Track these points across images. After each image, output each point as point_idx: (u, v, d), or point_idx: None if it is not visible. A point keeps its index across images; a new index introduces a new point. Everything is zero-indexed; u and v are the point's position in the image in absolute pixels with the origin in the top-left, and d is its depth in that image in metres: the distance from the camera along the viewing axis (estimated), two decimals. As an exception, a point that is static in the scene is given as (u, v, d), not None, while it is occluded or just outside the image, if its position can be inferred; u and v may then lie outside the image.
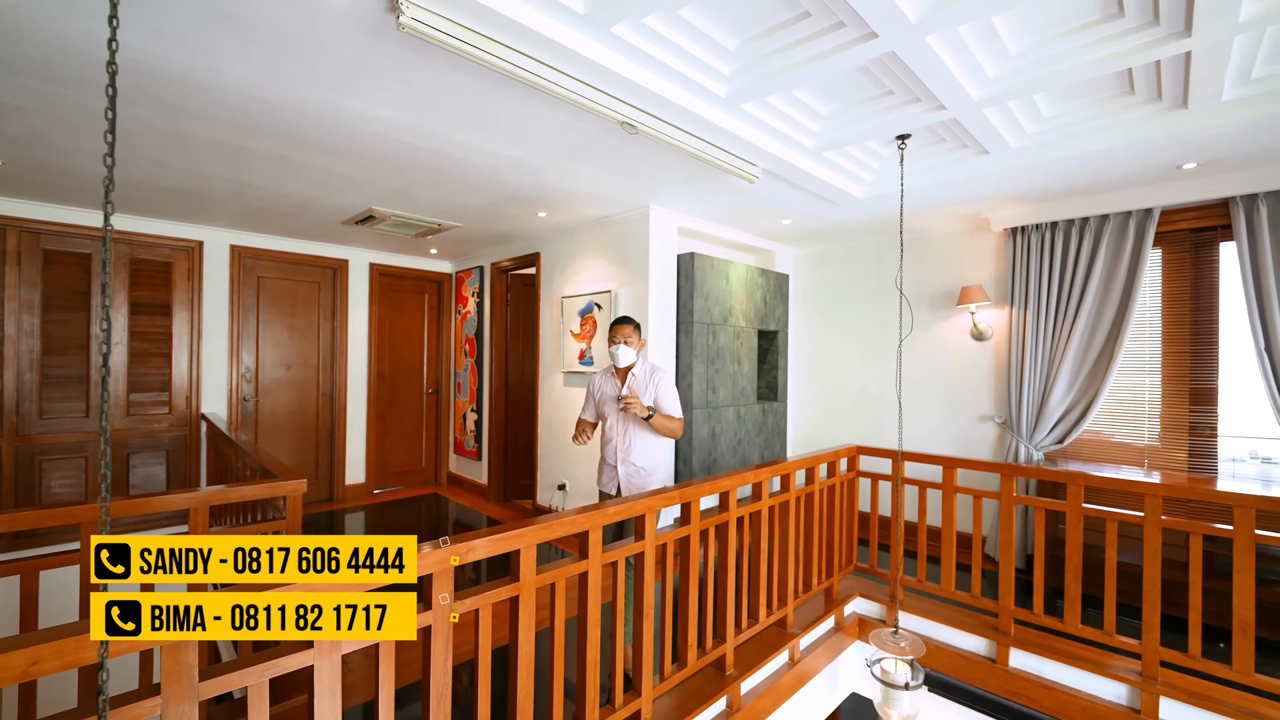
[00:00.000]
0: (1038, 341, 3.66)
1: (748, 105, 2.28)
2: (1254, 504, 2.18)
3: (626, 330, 2.63)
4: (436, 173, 3.15)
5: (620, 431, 2.65)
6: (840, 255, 4.86)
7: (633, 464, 2.64)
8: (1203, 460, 3.24)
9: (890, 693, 2.47)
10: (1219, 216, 3.12)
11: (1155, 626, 2.35)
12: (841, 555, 3.24)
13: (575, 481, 4.42)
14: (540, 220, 4.19)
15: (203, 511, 1.99)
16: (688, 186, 3.32)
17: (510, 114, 2.37)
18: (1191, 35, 1.73)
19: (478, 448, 5.58)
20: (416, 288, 5.98)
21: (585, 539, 1.79)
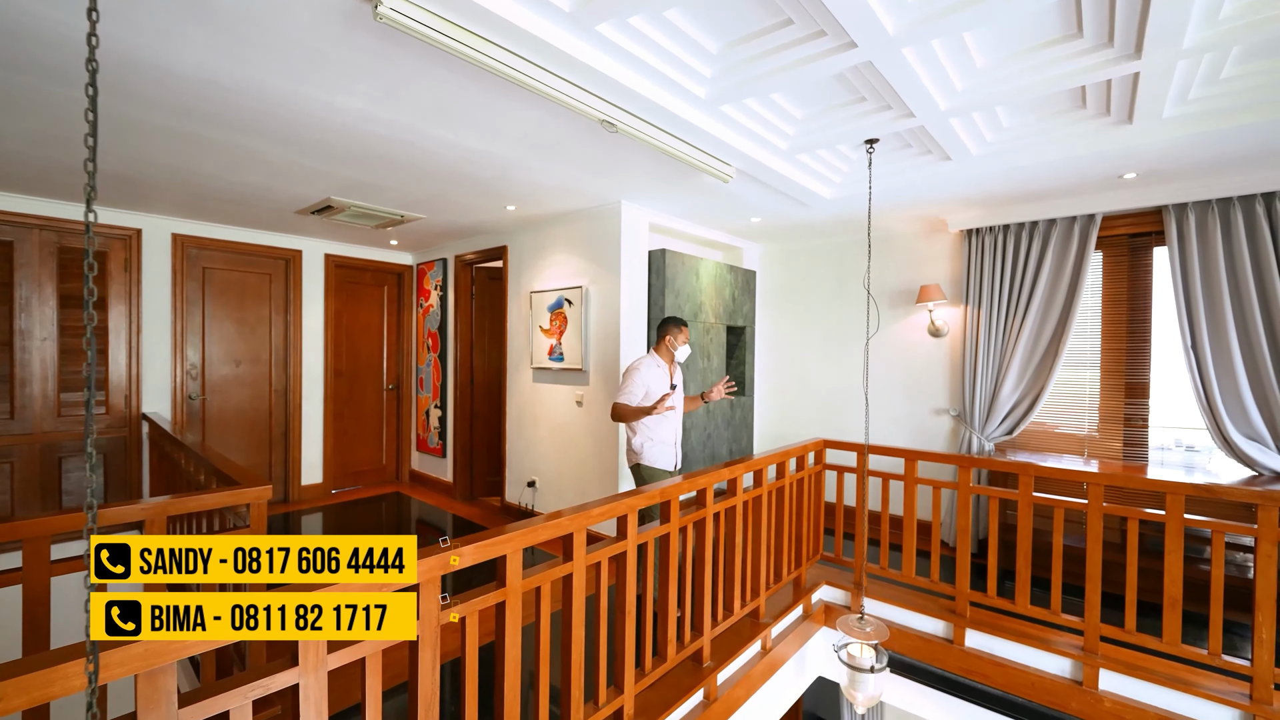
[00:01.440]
0: (990, 338, 3.86)
1: (726, 107, 2.30)
2: (1184, 491, 2.37)
3: (686, 332, 3.02)
4: (403, 164, 3.04)
5: (679, 414, 3.04)
6: (805, 253, 4.97)
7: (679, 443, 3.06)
8: (1135, 449, 3.50)
9: (856, 676, 2.57)
10: (1154, 223, 3.36)
11: (1096, 605, 2.54)
12: (809, 545, 3.35)
13: (545, 478, 4.40)
14: (509, 213, 4.12)
15: (159, 523, 1.88)
16: (661, 184, 3.32)
17: (486, 110, 2.32)
18: (1141, 58, 1.85)
19: (442, 445, 5.47)
20: (375, 280, 5.77)
21: (569, 541, 1.80)
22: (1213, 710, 2.30)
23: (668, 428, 2.97)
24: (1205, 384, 3.14)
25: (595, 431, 3.99)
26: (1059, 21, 1.81)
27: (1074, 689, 2.55)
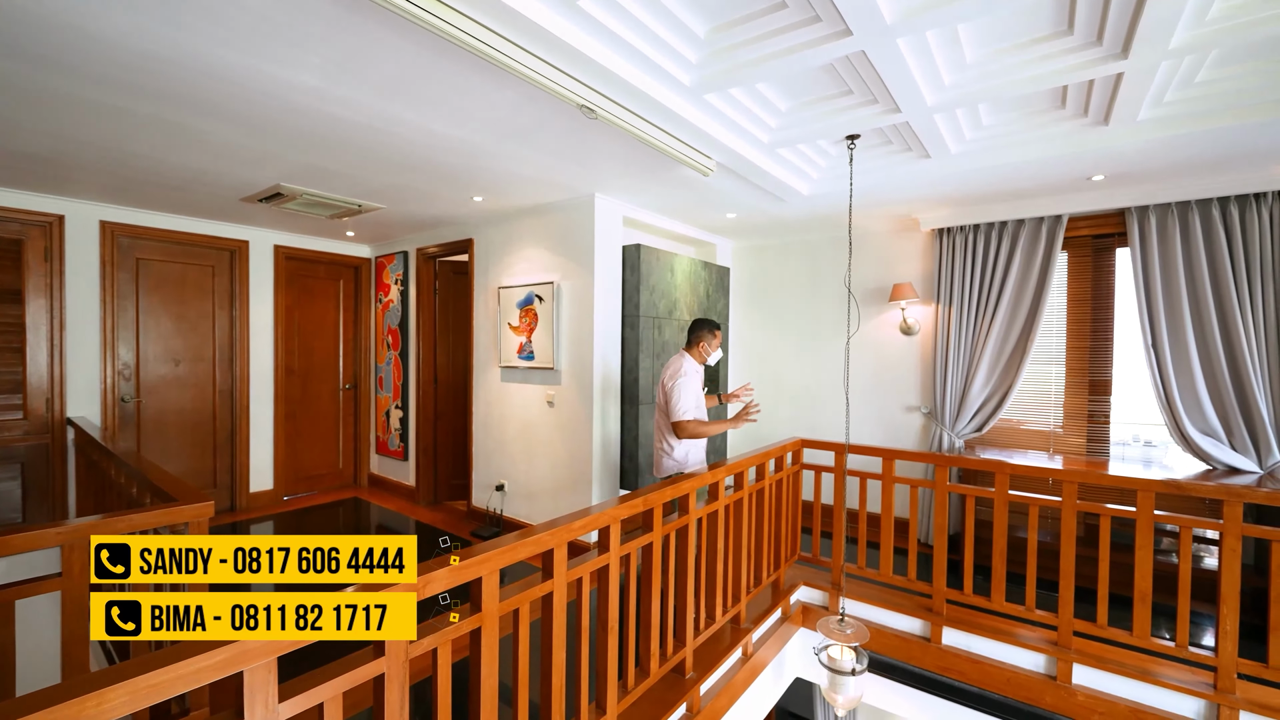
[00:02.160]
0: (961, 336, 3.90)
1: (710, 96, 2.20)
2: (1155, 488, 2.42)
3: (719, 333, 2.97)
4: (361, 149, 2.83)
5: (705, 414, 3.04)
6: (778, 250, 4.94)
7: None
8: (1098, 444, 3.60)
9: (836, 678, 2.53)
10: (1117, 225, 3.44)
11: (1069, 601, 2.57)
12: (787, 546, 3.31)
13: (514, 481, 4.23)
14: (475, 205, 3.92)
15: (81, 548, 1.66)
16: (638, 177, 3.20)
17: (454, 90, 2.15)
18: (1128, 57, 1.84)
19: (404, 447, 5.22)
20: (330, 274, 5.45)
21: (550, 557, 1.67)
22: (1180, 700, 2.35)
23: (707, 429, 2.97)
24: (1164, 382, 3.24)
25: (567, 432, 3.85)
26: (1052, 16, 1.78)
27: (1048, 684, 2.58)
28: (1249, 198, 3.01)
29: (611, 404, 3.83)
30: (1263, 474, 3.02)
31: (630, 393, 3.85)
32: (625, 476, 3.88)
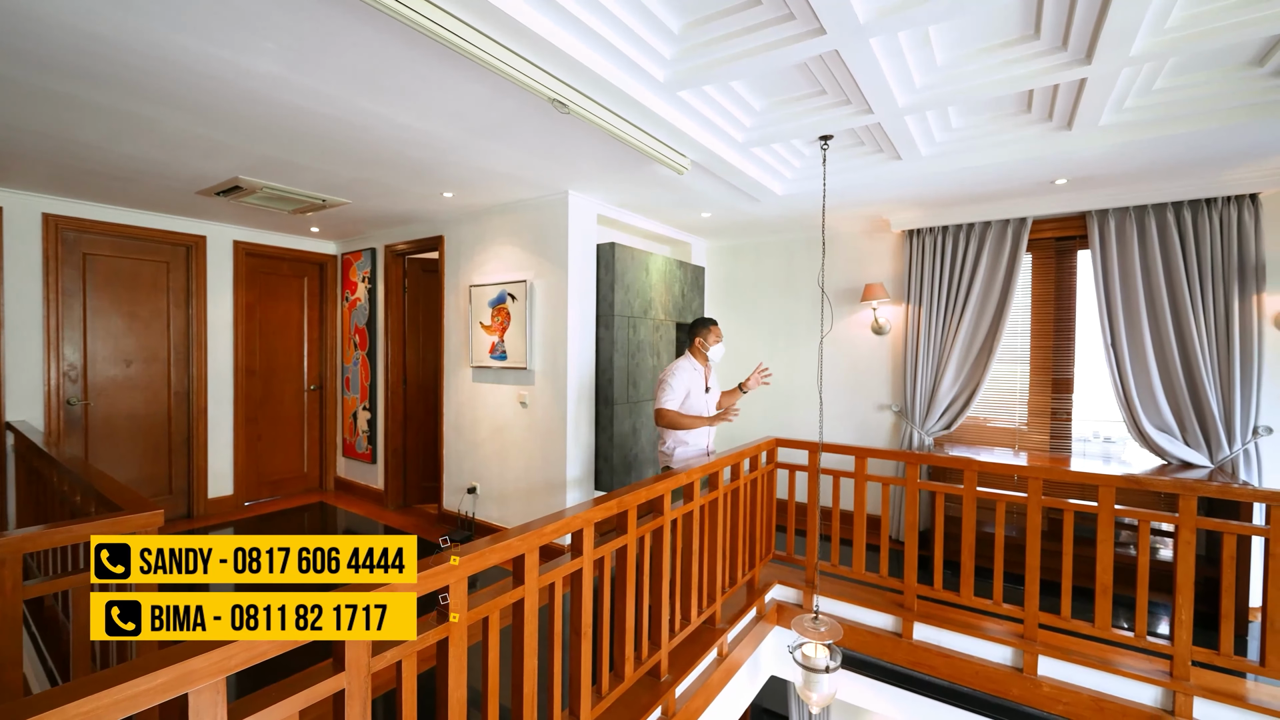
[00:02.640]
0: (930, 336, 3.97)
1: (684, 93, 2.18)
2: (1115, 483, 2.49)
3: (719, 331, 3.10)
4: (327, 142, 2.73)
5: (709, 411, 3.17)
6: (752, 250, 4.96)
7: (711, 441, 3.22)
8: (1060, 441, 3.71)
9: (811, 676, 2.54)
10: (1078, 228, 3.55)
11: (1035, 594, 2.63)
12: (761, 545, 3.31)
13: (487, 483, 4.15)
14: (446, 201, 3.83)
15: (14, 564, 1.55)
16: (612, 174, 3.17)
17: (424, 82, 2.08)
18: (1091, 63, 1.89)
19: (371, 450, 5.08)
20: (294, 271, 5.27)
21: (520, 563, 1.63)
22: (1139, 688, 2.43)
23: (698, 431, 3.06)
24: (1123, 380, 3.35)
25: (541, 433, 3.79)
26: (1020, 20, 1.81)
27: (1015, 676, 2.63)
28: (1200, 203, 3.14)
29: (586, 405, 3.78)
30: (1213, 468, 3.15)
31: (605, 393, 3.81)
32: (600, 478, 3.84)
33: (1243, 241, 3.06)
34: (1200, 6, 1.68)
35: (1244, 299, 3.06)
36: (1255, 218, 3.04)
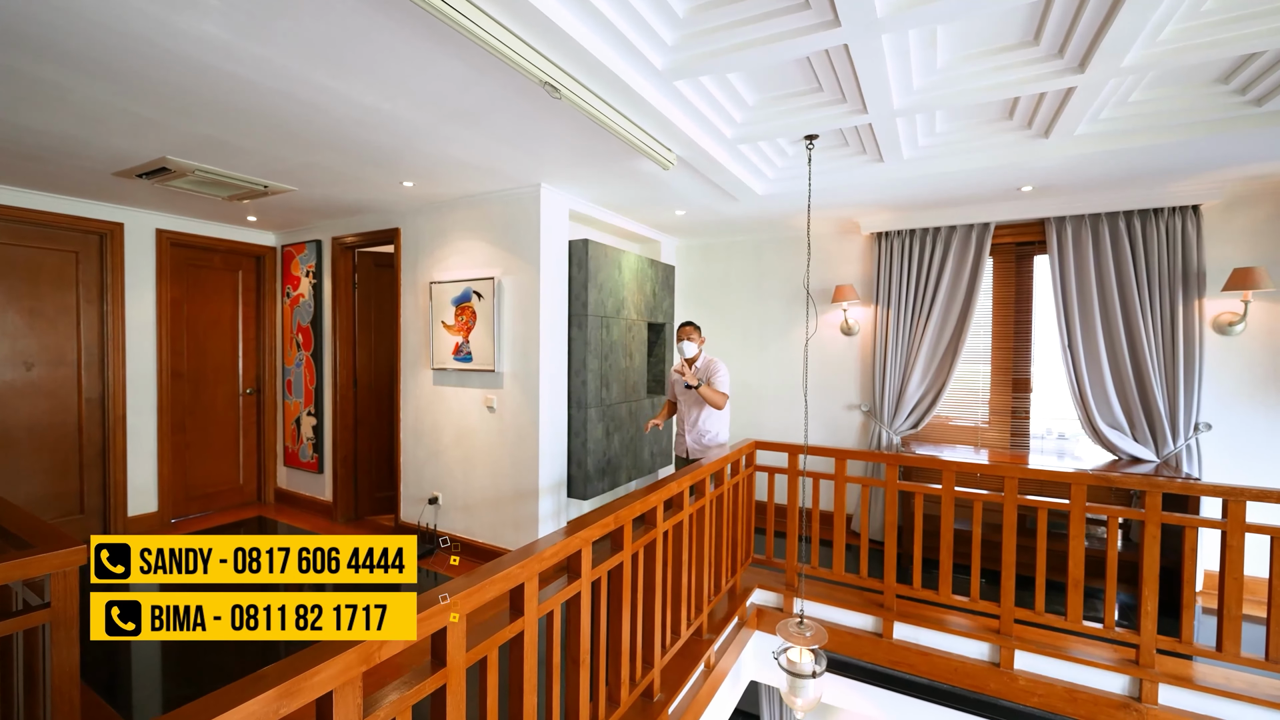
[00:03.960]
0: (898, 337, 4.04)
1: (681, 83, 2.07)
2: (1086, 480, 2.58)
3: (688, 330, 3.41)
4: (274, 121, 2.44)
5: (687, 409, 3.47)
6: (723, 250, 4.92)
7: (698, 432, 3.45)
8: (1019, 438, 3.85)
9: (797, 682, 2.50)
10: (1037, 233, 3.69)
11: (1011, 591, 2.69)
12: (742, 550, 3.27)
13: (450, 493, 3.91)
14: (405, 191, 3.56)
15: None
16: (590, 168, 3.02)
17: (393, 56, 1.87)
18: (1084, 72, 1.91)
19: (318, 458, 4.71)
20: (228, 263, 4.81)
21: (520, 593, 1.48)
22: (1108, 677, 2.53)
23: (682, 422, 3.51)
24: (1079, 379, 3.51)
25: (510, 438, 3.60)
26: (1023, 25, 1.80)
27: (992, 670, 2.69)
28: (1149, 212, 3.31)
29: (558, 408, 3.62)
30: (1159, 462, 3.34)
31: (578, 396, 3.66)
32: (573, 484, 3.69)
33: (1185, 250, 3.25)
34: (1192, 21, 1.72)
35: (1187, 304, 3.25)
36: (1197, 228, 3.23)
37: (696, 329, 3.42)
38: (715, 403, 3.30)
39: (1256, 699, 2.30)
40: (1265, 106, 2.18)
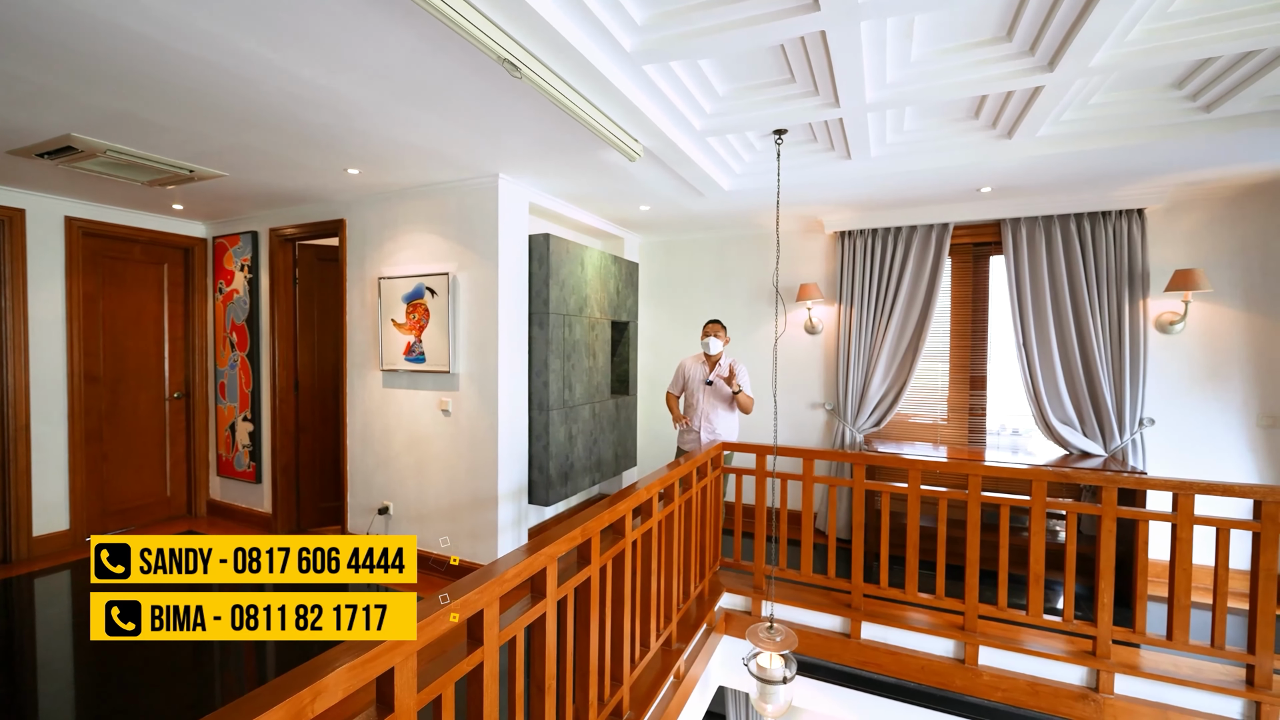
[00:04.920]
0: (861, 335, 4.06)
1: (650, 68, 1.96)
2: (1047, 477, 2.62)
3: (714, 328, 3.47)
4: (199, 95, 2.19)
5: (705, 405, 3.49)
6: (686, 247, 4.85)
7: (713, 430, 3.49)
8: (976, 435, 3.94)
9: (767, 688, 2.45)
10: (993, 234, 3.76)
11: (975, 587, 2.71)
12: (710, 554, 3.19)
13: (402, 502, 3.68)
14: (350, 179, 3.31)
15: None
16: (552, 158, 2.87)
17: (337, 23, 1.68)
18: (1053, 71, 1.91)
19: (255, 467, 4.36)
20: (150, 256, 4.40)
21: (479, 620, 1.33)
22: (1066, 669, 2.57)
23: (695, 415, 3.52)
24: (1033, 377, 3.60)
25: (467, 444, 3.41)
26: (998, 19, 1.77)
27: (958, 667, 2.71)
28: (1098, 215, 3.43)
29: (518, 411, 3.45)
30: (1106, 456, 3.47)
31: (539, 398, 3.50)
32: (535, 490, 3.53)
33: (1131, 251, 3.38)
34: (1160, 23, 1.73)
35: (1133, 304, 3.38)
36: (1141, 231, 3.36)
37: (723, 327, 3.49)
38: (747, 407, 3.40)
39: (1203, 684, 2.39)
40: (1214, 113, 2.25)
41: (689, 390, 3.56)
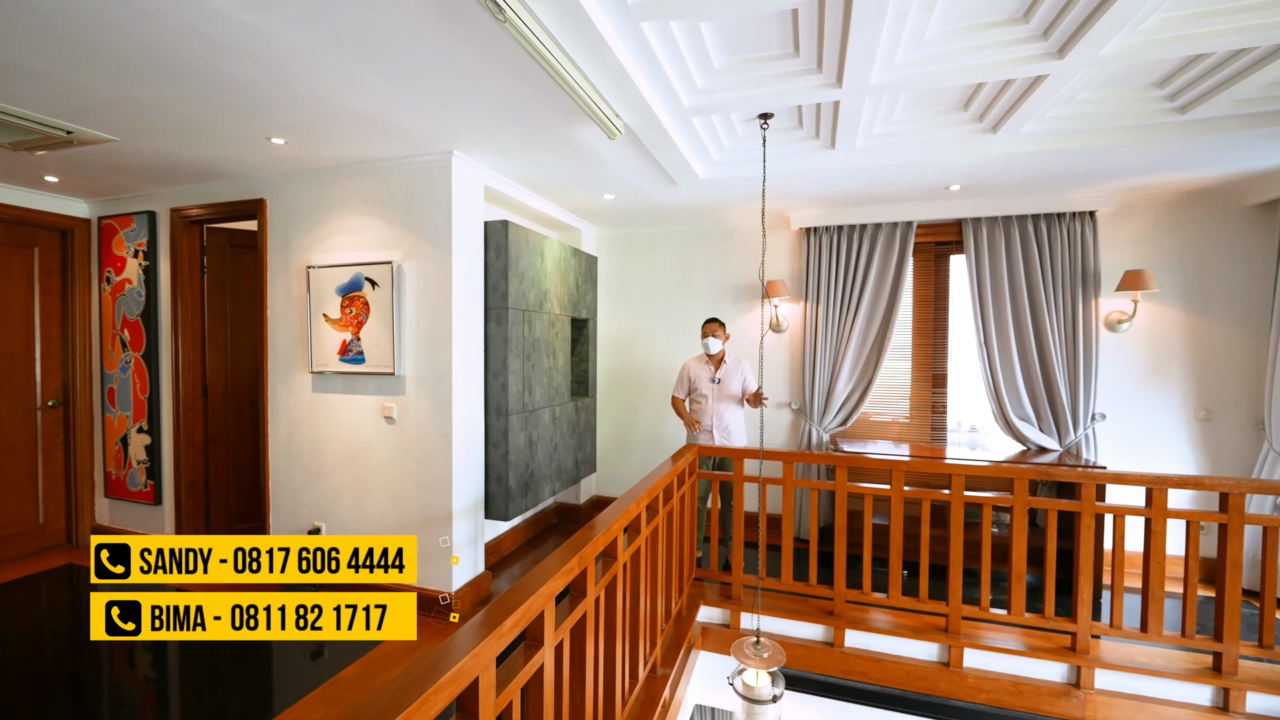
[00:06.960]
0: (827, 334, 4.01)
1: (648, 25, 1.72)
2: (1028, 475, 2.61)
3: (714, 327, 3.43)
4: (71, 28, 1.74)
5: (715, 404, 3.47)
6: (647, 241, 4.63)
7: (725, 428, 3.47)
8: (938, 432, 3.97)
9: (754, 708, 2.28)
10: (954, 234, 3.80)
11: (958, 589, 2.67)
12: (686, 567, 3.00)
13: (339, 521, 3.24)
14: (273, 150, 2.85)
15: None
16: (518, 132, 2.56)
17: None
18: (1062, 59, 1.84)
19: (154, 486, 3.75)
20: (16, 238, 3.68)
21: (474, 691, 1.06)
22: (1048, 667, 2.57)
23: (704, 415, 3.49)
24: (993, 374, 3.66)
25: (415, 453, 3.03)
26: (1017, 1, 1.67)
27: (942, 671, 2.65)
28: (1054, 216, 3.52)
29: (474, 416, 3.11)
30: (1062, 451, 3.57)
31: (497, 402, 3.18)
32: (492, 503, 3.20)
33: (1084, 252, 3.49)
34: (1175, 12, 1.68)
35: (1085, 303, 3.49)
36: (1094, 232, 3.48)
37: (722, 325, 3.46)
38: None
39: (1175, 674, 2.44)
40: (1188, 114, 2.29)
41: (696, 391, 3.52)
